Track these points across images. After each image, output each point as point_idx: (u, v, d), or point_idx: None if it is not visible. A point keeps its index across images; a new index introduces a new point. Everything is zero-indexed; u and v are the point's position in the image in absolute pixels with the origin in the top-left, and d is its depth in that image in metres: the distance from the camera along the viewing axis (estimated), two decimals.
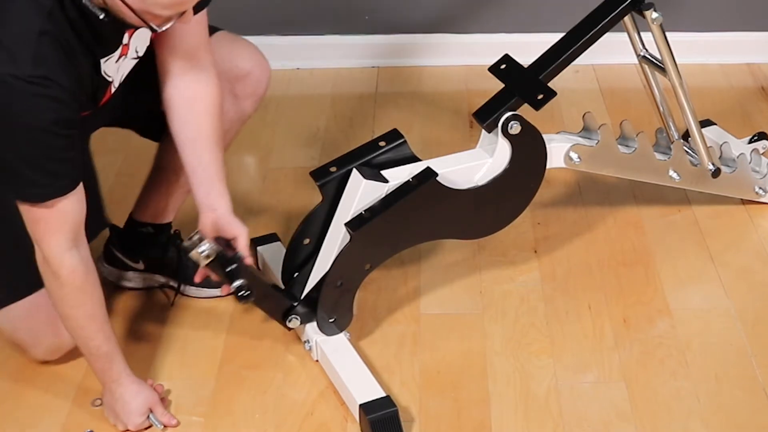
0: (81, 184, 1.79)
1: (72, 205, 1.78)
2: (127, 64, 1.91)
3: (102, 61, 1.81)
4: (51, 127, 1.69)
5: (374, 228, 1.98)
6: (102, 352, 1.90)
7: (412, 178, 2.01)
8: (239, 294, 1.94)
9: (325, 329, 2.05)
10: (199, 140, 1.97)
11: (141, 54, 1.92)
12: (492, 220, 2.14)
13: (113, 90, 1.90)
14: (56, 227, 1.78)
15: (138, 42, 1.89)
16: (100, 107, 1.95)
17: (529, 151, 2.10)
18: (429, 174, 2.01)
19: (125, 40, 1.85)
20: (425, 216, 2.04)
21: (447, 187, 2.03)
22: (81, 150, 1.79)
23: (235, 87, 2.11)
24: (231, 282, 1.94)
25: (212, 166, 1.97)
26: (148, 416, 1.94)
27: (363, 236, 1.97)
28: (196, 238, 1.92)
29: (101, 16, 1.68)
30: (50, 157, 1.73)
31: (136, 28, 1.81)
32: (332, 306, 2.03)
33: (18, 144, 1.70)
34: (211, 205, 1.97)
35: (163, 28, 1.70)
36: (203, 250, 1.90)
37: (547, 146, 2.12)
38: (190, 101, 1.97)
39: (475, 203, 2.08)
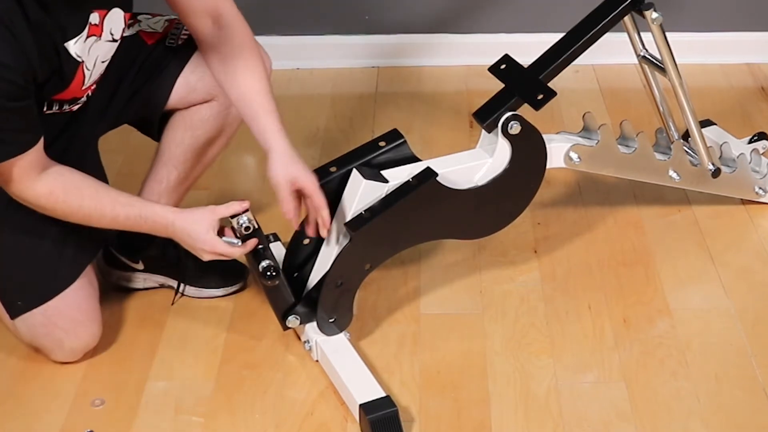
0: (39, 140, 1.80)
1: (29, 158, 1.79)
2: (102, 47, 1.91)
3: (71, 42, 1.81)
4: None
5: (374, 228, 1.98)
6: (132, 218, 1.91)
7: (412, 178, 2.01)
8: (268, 273, 1.96)
9: (325, 329, 2.05)
10: (248, 95, 2.01)
11: (117, 37, 1.93)
12: (492, 220, 2.14)
13: (87, 72, 1.89)
14: (16, 177, 1.81)
15: (111, 24, 1.90)
16: (99, 102, 1.95)
17: (529, 151, 2.10)
18: (429, 174, 2.01)
19: (95, 20, 1.86)
20: (425, 216, 2.04)
21: (447, 187, 2.03)
22: (35, 116, 1.80)
23: None
24: (259, 260, 1.96)
25: (268, 114, 2.02)
26: (222, 236, 1.93)
27: (363, 236, 1.97)
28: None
29: None
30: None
31: (107, 8, 1.84)
32: (332, 306, 2.03)
33: None
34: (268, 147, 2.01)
35: None
36: (243, 222, 1.92)
37: (547, 146, 2.12)
38: (228, 58, 2.01)
39: (475, 203, 2.08)
